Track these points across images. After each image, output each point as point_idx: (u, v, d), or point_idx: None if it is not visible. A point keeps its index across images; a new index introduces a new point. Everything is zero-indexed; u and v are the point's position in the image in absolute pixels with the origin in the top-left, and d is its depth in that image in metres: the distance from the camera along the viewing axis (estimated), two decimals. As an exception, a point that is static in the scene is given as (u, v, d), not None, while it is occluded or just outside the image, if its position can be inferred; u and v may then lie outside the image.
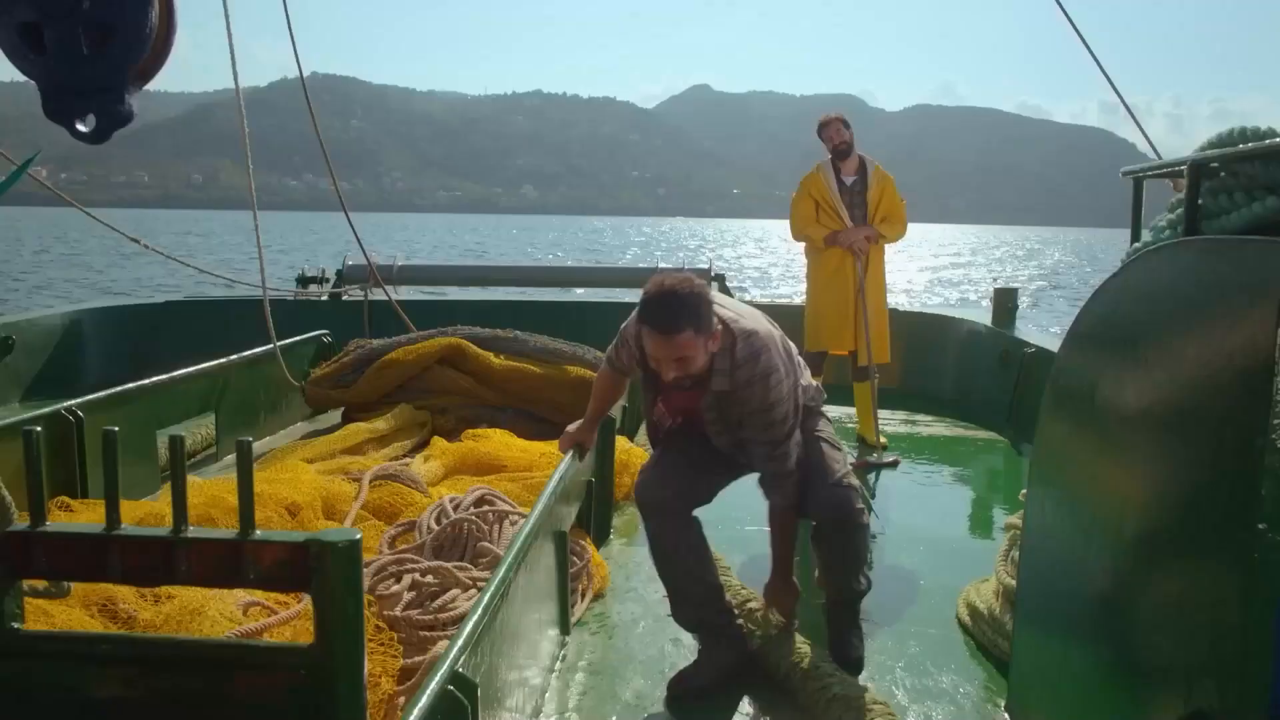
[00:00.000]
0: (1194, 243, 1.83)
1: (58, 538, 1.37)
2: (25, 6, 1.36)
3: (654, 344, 2.54)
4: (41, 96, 1.43)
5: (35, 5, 1.36)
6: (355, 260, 8.12)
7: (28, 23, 1.39)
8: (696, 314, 2.50)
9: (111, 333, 7.39)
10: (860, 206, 5.46)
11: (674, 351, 2.52)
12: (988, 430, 6.03)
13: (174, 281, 21.08)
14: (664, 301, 2.50)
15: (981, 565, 3.43)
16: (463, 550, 3.07)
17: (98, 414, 3.98)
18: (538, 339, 5.54)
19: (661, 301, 2.50)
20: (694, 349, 2.53)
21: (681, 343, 2.50)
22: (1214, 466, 1.62)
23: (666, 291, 2.50)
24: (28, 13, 1.36)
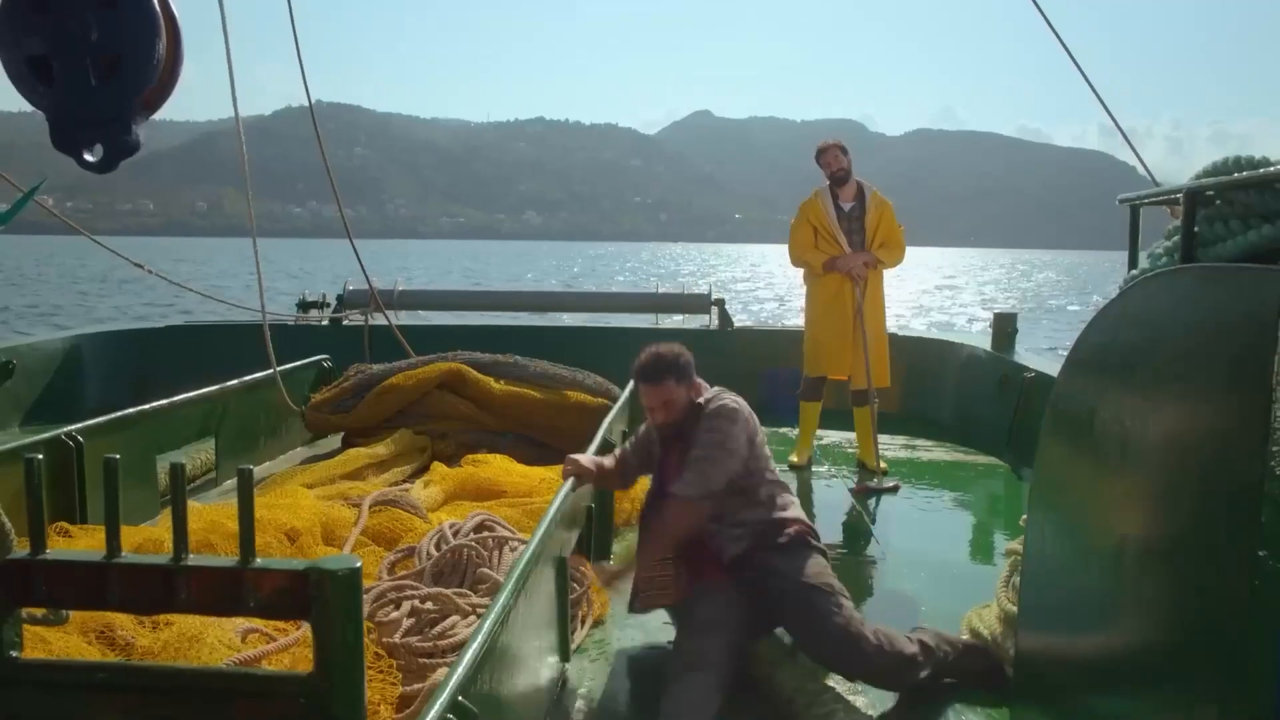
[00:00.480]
0: (1191, 270, 1.84)
1: (57, 566, 1.37)
2: (35, 39, 1.38)
3: (644, 393, 3.20)
4: (50, 127, 1.45)
5: (45, 38, 1.38)
6: (356, 285, 8.15)
7: (36, 55, 1.41)
8: (676, 367, 3.17)
9: (112, 357, 7.40)
10: (858, 232, 5.48)
11: (659, 397, 3.16)
12: (988, 455, 6.02)
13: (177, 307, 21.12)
14: (649, 361, 3.20)
15: (983, 590, 3.41)
16: (462, 576, 3.06)
17: (98, 439, 3.98)
18: (538, 364, 5.55)
19: (647, 361, 3.20)
20: (674, 394, 3.16)
21: (665, 389, 3.15)
22: (1213, 493, 1.62)
23: (651, 354, 3.21)
24: (37, 45, 1.38)
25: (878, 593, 3.88)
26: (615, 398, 5.01)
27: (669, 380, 3.16)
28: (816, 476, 5.57)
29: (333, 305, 8.35)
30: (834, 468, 5.75)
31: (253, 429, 5.47)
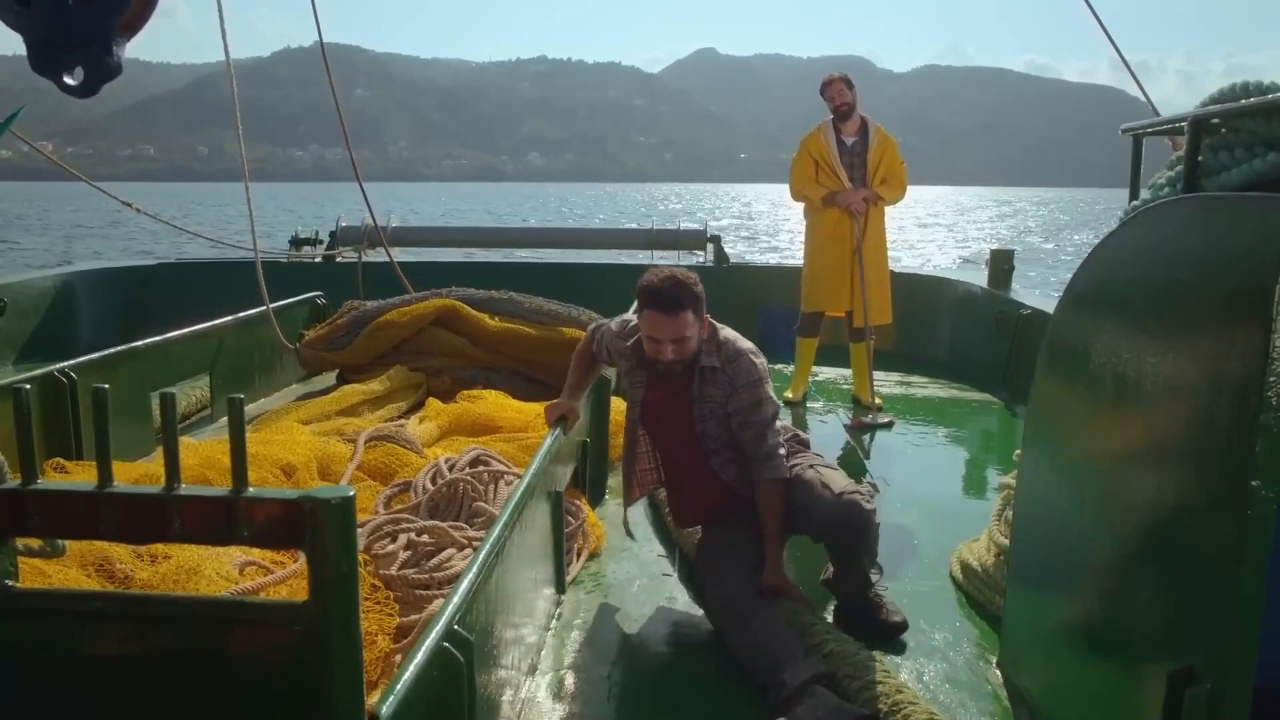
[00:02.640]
0: (1193, 199, 1.81)
1: (49, 496, 1.36)
2: (6, -44, 1.33)
3: (656, 324, 2.76)
4: (28, 50, 1.41)
5: (17, -46, 1.33)
6: (348, 222, 8.07)
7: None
8: (695, 298, 2.76)
9: (104, 294, 7.36)
10: (860, 168, 5.42)
11: (675, 331, 2.74)
12: (982, 392, 6.04)
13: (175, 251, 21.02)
14: (667, 286, 2.74)
15: (975, 524, 3.44)
16: (458, 510, 3.07)
17: (91, 375, 3.97)
18: (532, 300, 5.52)
19: (665, 286, 2.74)
20: (692, 330, 2.77)
21: (682, 321, 2.74)
22: (1209, 425, 1.62)
23: (668, 278, 2.75)
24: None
25: (871, 527, 3.91)
26: (610, 334, 5.00)
27: (687, 312, 2.74)
28: (811, 412, 5.58)
29: (325, 242, 8.28)
30: (829, 404, 5.77)
31: (247, 366, 5.46)
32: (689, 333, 2.76)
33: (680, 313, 2.72)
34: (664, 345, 2.78)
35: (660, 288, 2.74)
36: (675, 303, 2.72)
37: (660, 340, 2.78)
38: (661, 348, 2.79)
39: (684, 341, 2.77)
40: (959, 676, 2.63)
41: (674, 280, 2.74)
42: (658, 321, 2.76)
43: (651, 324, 2.78)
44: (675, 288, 2.73)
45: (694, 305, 2.75)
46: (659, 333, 2.77)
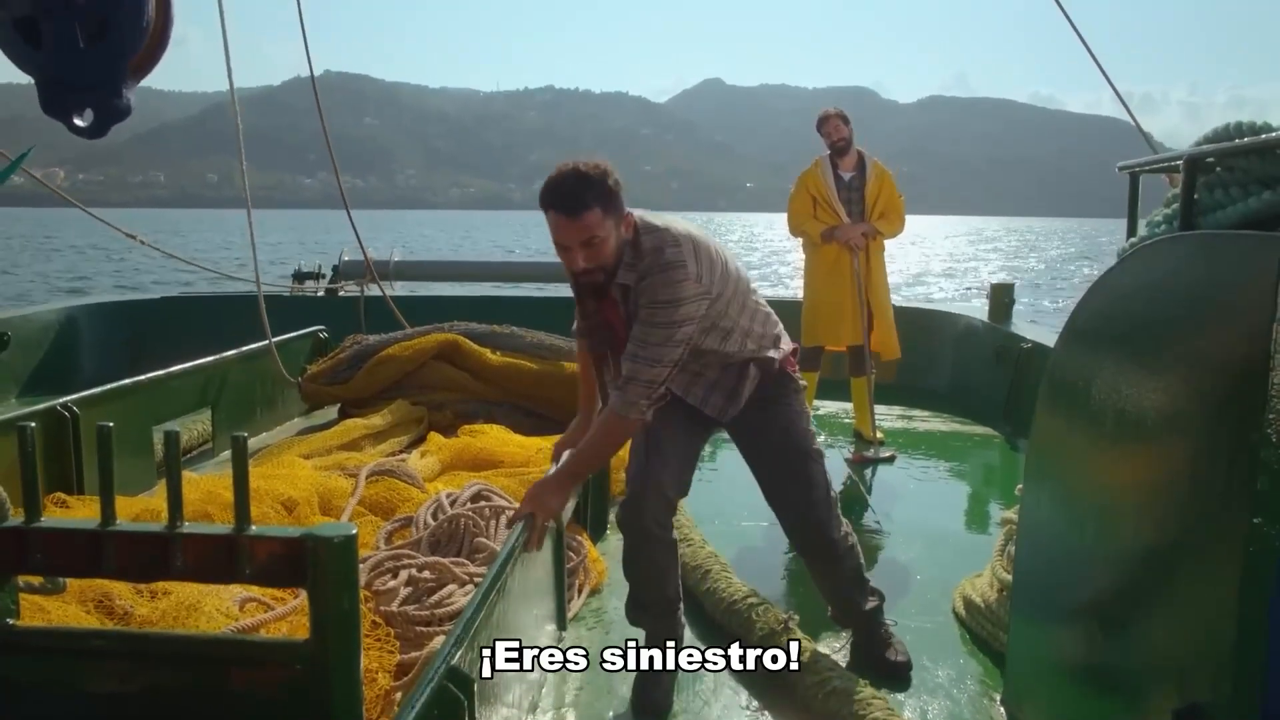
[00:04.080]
0: (1190, 237, 1.83)
1: (52, 533, 1.37)
2: (21, 1, 1.36)
3: (560, 227, 2.36)
4: (39, 92, 1.43)
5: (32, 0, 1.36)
6: (351, 256, 8.12)
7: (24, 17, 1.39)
8: (603, 191, 2.34)
9: (107, 328, 7.38)
10: (858, 203, 5.46)
11: (580, 234, 2.33)
12: (984, 426, 6.04)
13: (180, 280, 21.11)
14: (566, 179, 2.34)
15: (978, 559, 3.43)
16: (459, 546, 3.06)
17: (94, 410, 3.98)
18: (534, 335, 5.54)
19: (564, 180, 2.34)
20: (602, 230, 2.35)
21: (588, 222, 2.32)
22: (1209, 461, 1.62)
23: (569, 171, 2.35)
24: (24, 7, 1.36)
25: (874, 562, 3.90)
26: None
27: (593, 209, 2.32)
28: (813, 447, 5.57)
29: (328, 276, 8.32)
30: (831, 438, 5.76)
31: (249, 400, 5.47)
32: (599, 233, 2.34)
33: (584, 211, 2.31)
34: (573, 251, 2.37)
35: (559, 183, 2.34)
36: (577, 200, 2.31)
37: (568, 246, 2.37)
38: (571, 255, 2.38)
39: (595, 244, 2.35)
40: (963, 714, 2.61)
41: (576, 173, 2.34)
42: (560, 224, 2.35)
43: (555, 227, 2.37)
44: (577, 181, 2.33)
45: (602, 202, 2.33)
46: (563, 236, 2.36)
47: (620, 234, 2.41)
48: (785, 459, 2.71)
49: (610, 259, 2.40)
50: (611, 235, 2.37)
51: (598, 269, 2.40)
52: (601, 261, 2.39)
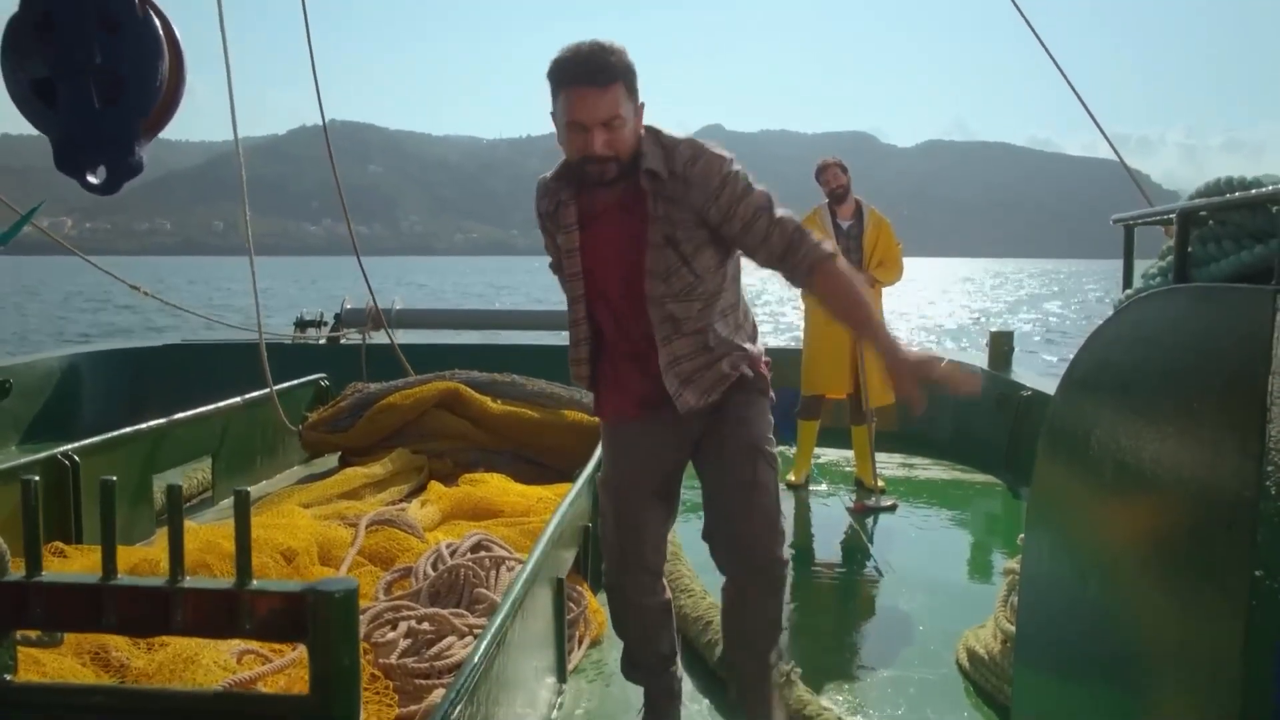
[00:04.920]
0: (1185, 290, 1.85)
1: (53, 588, 1.36)
2: (39, 62, 1.39)
3: (580, 103, 2.08)
4: (53, 150, 1.46)
5: (49, 61, 1.39)
6: (353, 304, 8.16)
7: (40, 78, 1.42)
8: (627, 68, 2.11)
9: (109, 376, 7.40)
10: (856, 251, 5.50)
11: (605, 110, 2.07)
12: (985, 473, 6.02)
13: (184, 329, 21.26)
14: (588, 50, 2.09)
15: (981, 609, 3.41)
16: (459, 597, 3.05)
17: (94, 459, 3.98)
18: (535, 383, 5.55)
19: (585, 51, 2.09)
20: (624, 109, 2.10)
21: (614, 96, 2.07)
22: (1208, 513, 1.63)
23: (588, 43, 2.11)
24: (42, 68, 1.39)
25: (876, 612, 3.87)
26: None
27: (618, 85, 2.09)
28: (814, 495, 5.56)
29: (330, 324, 8.35)
30: (832, 486, 5.75)
31: (249, 448, 5.47)
32: (622, 111, 2.09)
33: (610, 84, 2.06)
34: (592, 133, 2.09)
35: (580, 54, 2.08)
36: (602, 70, 2.06)
37: (587, 125, 2.08)
38: (586, 138, 2.10)
39: (616, 127, 2.10)
40: (968, 769, 2.58)
41: (596, 44, 2.10)
42: (580, 99, 2.07)
43: (573, 105, 2.08)
44: (601, 51, 2.08)
45: (626, 78, 2.10)
46: (583, 113, 2.07)
47: (637, 126, 2.17)
48: (733, 454, 2.35)
49: (627, 149, 2.14)
50: (630, 121, 2.13)
51: (613, 158, 2.12)
52: (619, 149, 2.12)
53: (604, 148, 2.11)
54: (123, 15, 1.42)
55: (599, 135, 2.10)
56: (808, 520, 5.13)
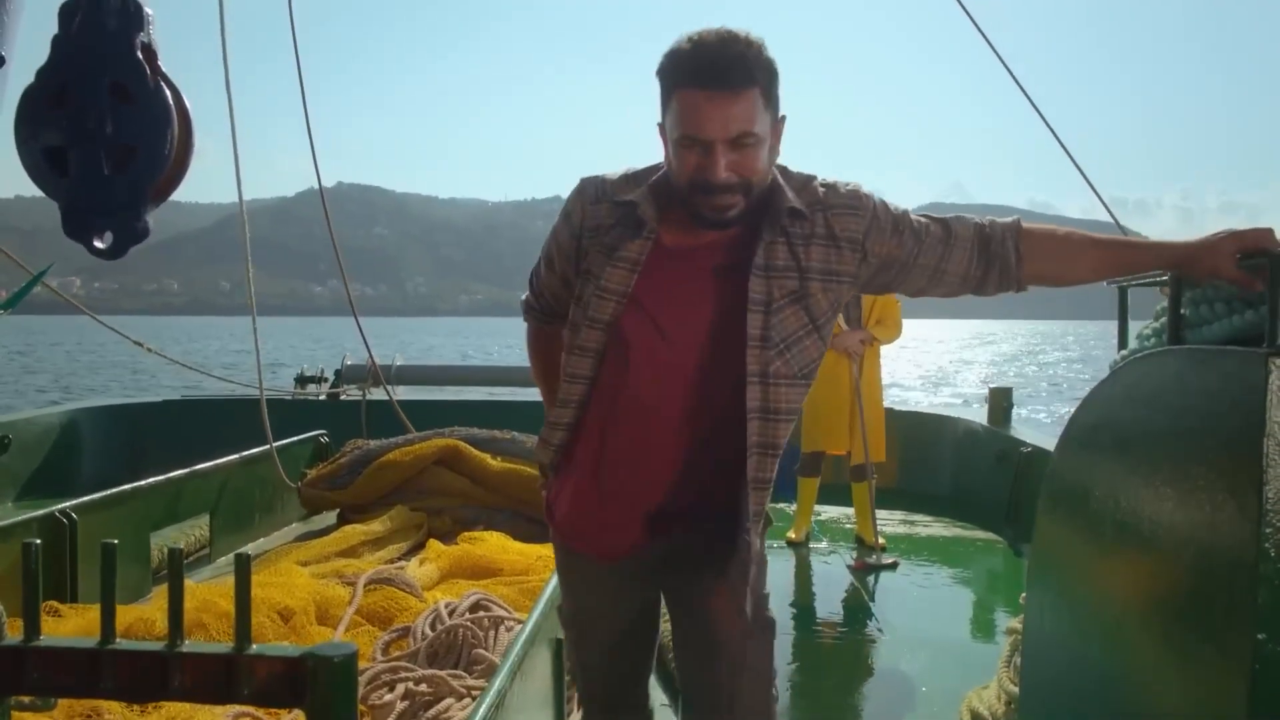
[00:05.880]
0: (1179, 352, 1.87)
1: (50, 652, 1.36)
2: (52, 131, 1.42)
3: (700, 111, 1.54)
4: (62, 215, 1.49)
5: (62, 130, 1.43)
6: (354, 360, 8.19)
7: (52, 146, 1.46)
8: (768, 70, 1.58)
9: (108, 431, 7.39)
10: (855, 308, 5.55)
11: (736, 122, 1.54)
12: (986, 530, 5.99)
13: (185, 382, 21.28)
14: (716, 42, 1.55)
15: (984, 669, 3.37)
16: (458, 657, 3.02)
17: (92, 516, 3.97)
18: (534, 440, 5.54)
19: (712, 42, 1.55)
20: (759, 125, 1.57)
21: (748, 105, 1.54)
22: (1208, 574, 1.63)
23: (719, 31, 1.56)
24: (54, 137, 1.43)
25: (877, 672, 3.83)
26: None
27: (754, 90, 1.55)
28: (815, 553, 5.53)
29: (330, 380, 8.37)
30: (833, 543, 5.72)
31: (248, 505, 5.45)
32: (757, 128, 1.56)
33: (744, 88, 1.54)
34: (714, 153, 1.55)
35: (702, 44, 1.55)
36: (732, 67, 1.53)
37: (709, 140, 1.54)
38: (711, 159, 1.55)
39: (748, 147, 1.57)
40: (974, 836, 2.53)
41: (730, 34, 1.55)
42: (703, 106, 1.54)
43: (688, 113, 1.55)
44: (731, 42, 1.54)
45: (765, 81, 1.57)
46: (707, 124, 1.54)
47: (774, 148, 1.64)
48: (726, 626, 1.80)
49: (760, 178, 1.62)
50: (766, 141, 1.60)
51: (740, 187, 1.59)
52: (749, 176, 1.59)
53: (729, 171, 1.57)
54: (135, 86, 1.46)
55: (723, 156, 1.56)
56: (808, 578, 5.10)
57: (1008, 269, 1.77)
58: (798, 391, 1.70)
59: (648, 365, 1.72)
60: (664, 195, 1.69)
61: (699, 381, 1.71)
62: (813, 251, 1.68)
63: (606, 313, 1.71)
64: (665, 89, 1.61)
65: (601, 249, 1.72)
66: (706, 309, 1.69)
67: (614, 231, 1.71)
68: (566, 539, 1.93)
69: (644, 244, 1.69)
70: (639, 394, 1.74)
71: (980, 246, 1.76)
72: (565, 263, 1.82)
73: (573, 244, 1.78)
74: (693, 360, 1.71)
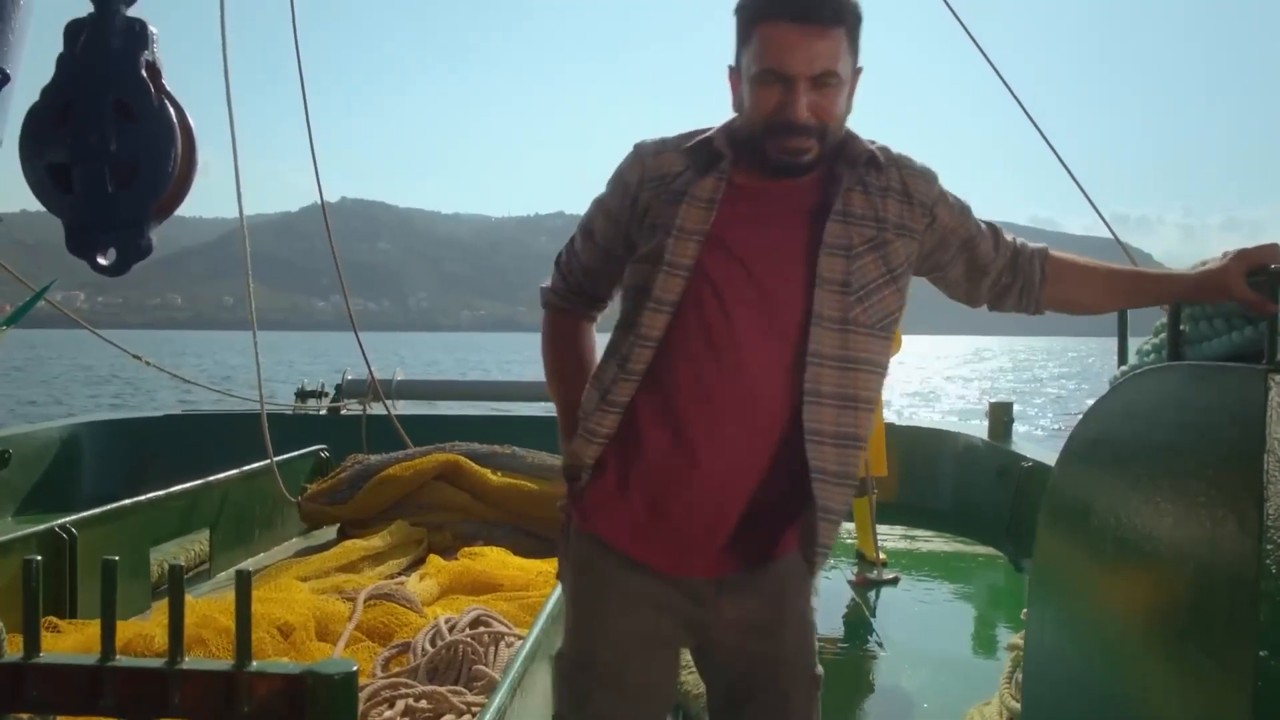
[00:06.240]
0: (1179, 368, 1.87)
1: (50, 669, 1.36)
2: (57, 149, 1.43)
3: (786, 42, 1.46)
4: (65, 232, 1.50)
5: (66, 148, 1.44)
6: (354, 375, 8.19)
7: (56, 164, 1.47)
8: (855, 13, 1.51)
9: (109, 446, 7.39)
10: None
11: (822, 58, 1.47)
12: (987, 545, 5.98)
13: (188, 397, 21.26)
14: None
15: (985, 686, 3.36)
16: (458, 673, 3.01)
17: (91, 531, 3.96)
18: (535, 455, 5.54)
19: None
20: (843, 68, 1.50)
21: (834, 45, 1.48)
22: (1209, 590, 1.62)
23: None
24: (58, 155, 1.44)
25: (878, 688, 3.81)
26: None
27: (841, 29, 1.49)
28: (815, 568, 5.51)
29: (331, 395, 8.37)
30: (833, 559, 5.70)
31: (248, 520, 5.44)
32: (841, 69, 1.49)
33: (833, 24, 1.48)
34: (796, 90, 1.47)
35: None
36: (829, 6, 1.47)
37: (792, 75, 1.46)
38: (791, 97, 1.47)
39: (830, 89, 1.49)
40: None
41: None
42: (790, 39, 1.46)
43: (772, 45, 1.47)
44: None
45: (851, 23, 1.51)
46: (792, 58, 1.46)
47: (848, 98, 1.56)
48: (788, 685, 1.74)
49: (837, 126, 1.54)
50: (846, 85, 1.53)
51: (816, 131, 1.50)
52: (826, 120, 1.51)
53: (808, 113, 1.48)
54: (139, 104, 1.47)
55: (803, 95, 1.47)
56: (810, 594, 5.09)
57: (1031, 286, 1.75)
58: (877, 344, 1.57)
59: (740, 311, 1.55)
60: (733, 141, 1.59)
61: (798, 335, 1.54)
62: (889, 204, 1.61)
63: (688, 255, 1.54)
64: (745, 23, 1.53)
65: (669, 196, 1.58)
66: (796, 251, 1.56)
67: (683, 176, 1.59)
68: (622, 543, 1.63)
69: (718, 183, 1.57)
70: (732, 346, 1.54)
71: (1013, 256, 1.75)
72: (613, 229, 1.67)
73: (626, 206, 1.63)
74: (797, 306, 1.54)
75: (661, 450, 1.58)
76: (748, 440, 1.55)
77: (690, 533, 1.59)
